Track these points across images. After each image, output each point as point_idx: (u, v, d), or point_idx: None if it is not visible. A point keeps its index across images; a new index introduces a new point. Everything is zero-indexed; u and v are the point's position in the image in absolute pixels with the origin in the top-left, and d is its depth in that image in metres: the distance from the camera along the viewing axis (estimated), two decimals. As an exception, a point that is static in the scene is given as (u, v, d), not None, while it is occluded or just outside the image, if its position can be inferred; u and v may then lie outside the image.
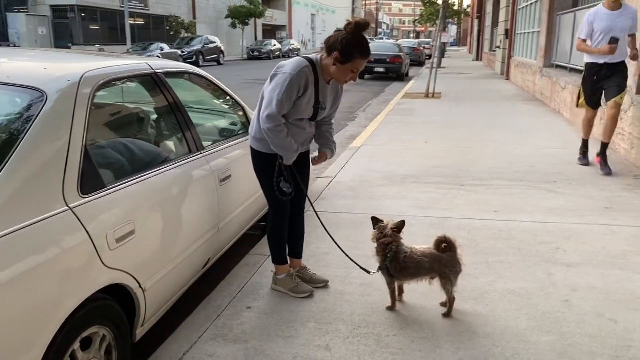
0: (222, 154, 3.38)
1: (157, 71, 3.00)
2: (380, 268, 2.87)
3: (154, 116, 3.17)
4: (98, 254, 2.12)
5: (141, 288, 2.42)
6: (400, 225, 2.90)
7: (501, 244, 3.88)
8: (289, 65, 2.79)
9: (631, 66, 6.52)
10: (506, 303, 3.02)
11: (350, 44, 2.69)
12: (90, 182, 2.18)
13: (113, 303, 2.26)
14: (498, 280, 3.30)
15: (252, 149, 3.03)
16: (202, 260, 3.12)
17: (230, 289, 3.26)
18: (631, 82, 6.47)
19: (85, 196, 2.13)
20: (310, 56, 2.86)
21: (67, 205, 2.04)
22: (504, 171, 5.99)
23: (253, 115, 3.06)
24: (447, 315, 2.86)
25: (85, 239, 2.07)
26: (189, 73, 3.55)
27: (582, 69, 5.92)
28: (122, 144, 2.70)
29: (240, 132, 3.89)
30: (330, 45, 2.75)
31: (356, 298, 3.09)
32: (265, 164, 2.98)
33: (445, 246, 2.79)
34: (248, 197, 3.73)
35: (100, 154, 2.45)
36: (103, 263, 2.14)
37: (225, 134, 3.79)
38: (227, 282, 3.38)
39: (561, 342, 2.62)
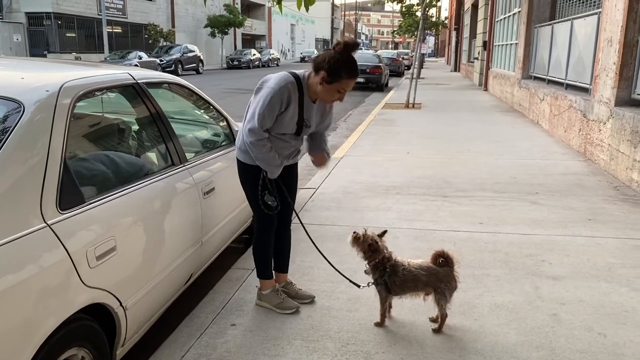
0: (205, 165, 3.30)
1: (139, 81, 2.92)
2: (376, 283, 2.81)
3: (136, 127, 3.08)
4: (77, 273, 2.02)
5: (122, 307, 2.32)
6: (382, 235, 2.86)
7: (487, 256, 3.86)
8: (273, 79, 2.74)
9: (609, 79, 6.63)
10: (495, 317, 2.98)
11: (338, 64, 2.64)
12: (69, 198, 2.09)
13: (92, 323, 2.16)
14: (486, 294, 3.27)
15: (237, 160, 2.97)
16: (185, 276, 3.03)
17: (213, 305, 3.17)
18: (609, 94, 6.58)
19: (64, 212, 2.04)
20: (297, 72, 2.81)
21: (45, 222, 1.94)
22: (486, 182, 6.00)
23: (238, 126, 3.00)
24: (437, 331, 2.81)
25: (64, 257, 1.97)
26: (171, 83, 3.47)
27: (560, 80, 5.97)
28: (103, 156, 2.61)
29: (223, 143, 3.81)
30: (318, 64, 2.70)
31: (343, 314, 3.02)
32: (250, 176, 2.92)
33: (442, 261, 2.74)
34: (232, 209, 3.65)
35: (80, 168, 2.35)
36: (82, 282, 2.05)
37: (208, 145, 3.70)
38: (210, 297, 3.28)
39: (552, 357, 2.59)
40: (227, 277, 3.56)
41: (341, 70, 2.65)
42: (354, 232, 2.84)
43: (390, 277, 2.76)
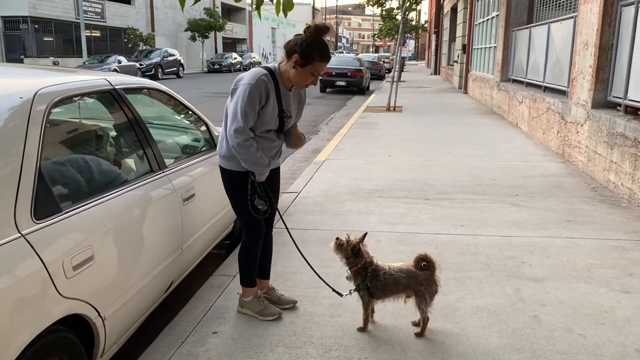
0: (185, 171, 3.26)
1: (116, 87, 2.88)
2: (358, 288, 2.80)
3: (113, 134, 3.04)
4: (53, 283, 1.98)
5: (100, 317, 2.28)
6: (362, 238, 2.86)
7: (468, 259, 3.88)
8: (246, 76, 2.72)
9: (585, 81, 6.74)
10: (476, 320, 2.99)
11: (310, 46, 2.65)
12: (44, 207, 2.04)
13: (70, 334, 2.12)
14: (467, 297, 3.28)
15: (221, 168, 2.90)
16: (165, 284, 2.99)
17: (194, 312, 3.13)
18: (586, 96, 6.68)
19: (39, 222, 1.99)
20: (268, 65, 2.81)
21: (19, 232, 1.90)
22: (466, 185, 6.04)
23: (218, 131, 2.96)
24: (419, 335, 2.81)
25: (39, 267, 1.93)
26: (150, 88, 3.43)
27: (538, 83, 6.04)
28: (80, 164, 2.56)
29: (203, 148, 3.78)
30: (290, 49, 2.70)
31: (326, 319, 3.01)
32: (236, 182, 2.87)
33: (424, 264, 2.75)
34: (213, 215, 3.62)
35: (56, 176, 2.31)
36: (59, 292, 2.00)
37: (188, 151, 3.67)
38: (191, 305, 3.24)
39: (533, 359, 2.61)
40: (208, 284, 3.52)
41: (314, 53, 2.65)
42: (337, 239, 2.83)
43: (372, 282, 2.76)
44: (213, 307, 3.18)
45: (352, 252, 2.78)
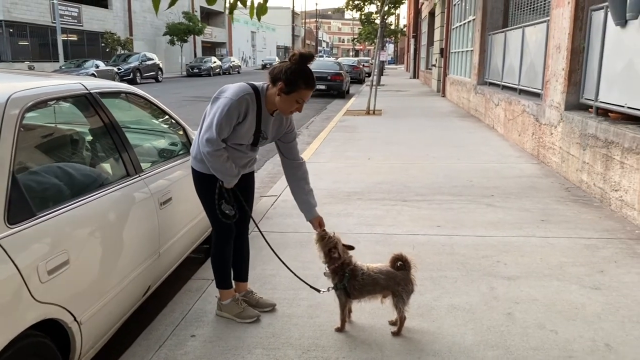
0: (161, 175, 3.26)
1: (91, 91, 2.87)
2: (336, 288, 2.83)
3: (89, 138, 3.03)
4: (27, 288, 1.97)
5: (76, 321, 2.27)
6: (349, 248, 2.91)
7: (445, 258, 3.94)
8: (231, 90, 2.72)
9: (558, 84, 6.88)
10: (452, 318, 3.05)
11: (294, 74, 2.66)
12: (18, 211, 2.04)
13: (45, 339, 2.11)
14: (443, 296, 3.33)
15: (193, 169, 2.93)
16: (143, 288, 2.98)
17: (172, 316, 3.13)
18: (559, 99, 6.82)
19: (12, 226, 1.99)
20: (256, 84, 2.79)
21: (-8, 237, 1.89)
22: (444, 186, 6.13)
23: (194, 135, 2.97)
24: (396, 333, 2.86)
25: (13, 272, 1.92)
26: (126, 92, 3.42)
27: (513, 86, 6.15)
28: (54, 168, 2.55)
29: (180, 152, 3.78)
30: (275, 76, 2.70)
31: (305, 321, 3.03)
32: (205, 185, 2.89)
33: (401, 264, 2.80)
34: (190, 219, 3.62)
35: (30, 180, 2.30)
36: (33, 297, 2.00)
37: (165, 155, 3.67)
38: (169, 309, 3.24)
39: (507, 356, 2.67)
40: (186, 287, 3.52)
41: (299, 80, 2.66)
42: (323, 230, 2.87)
43: (350, 282, 2.79)
44: (191, 311, 3.19)
45: (329, 252, 2.81)
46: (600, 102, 5.88)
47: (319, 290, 2.97)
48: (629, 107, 5.19)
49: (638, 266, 3.75)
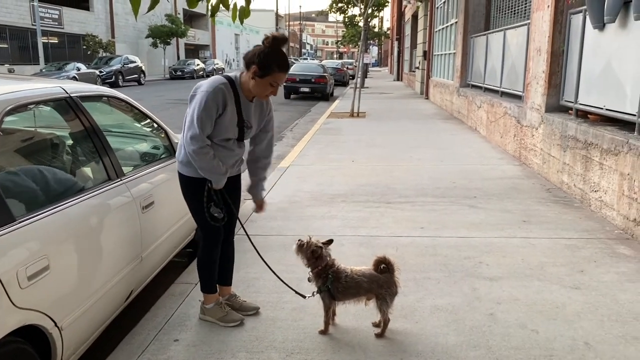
0: (143, 179, 3.24)
1: (71, 95, 2.85)
2: (320, 291, 2.84)
3: (70, 142, 3.00)
4: (7, 294, 1.95)
5: (57, 327, 2.25)
6: (327, 243, 2.91)
7: (428, 260, 3.97)
8: (205, 84, 2.72)
9: (539, 86, 6.98)
10: (435, 319, 3.07)
11: (268, 57, 2.66)
12: (-4, 216, 2.01)
13: (25, 345, 2.09)
14: (426, 297, 3.36)
15: (179, 174, 2.90)
16: (125, 293, 2.96)
17: (155, 321, 3.11)
18: (540, 101, 6.92)
19: (-10, 232, 1.96)
20: (229, 74, 2.81)
21: (-30, 243, 1.86)
22: (427, 188, 6.17)
23: (178, 138, 2.96)
24: (380, 335, 2.87)
25: (-8, 278, 1.90)
26: (107, 96, 3.40)
27: (495, 88, 6.24)
28: (35, 172, 2.53)
29: (163, 155, 3.76)
30: (248, 60, 2.71)
31: (288, 324, 3.04)
32: (193, 189, 2.87)
33: (384, 267, 2.81)
34: (173, 223, 3.60)
35: (9, 185, 2.28)
36: (13, 303, 1.98)
37: (147, 159, 3.64)
38: (152, 313, 3.22)
39: (489, 355, 2.70)
40: (169, 292, 3.50)
41: (272, 63, 2.67)
42: (299, 240, 2.87)
43: (333, 284, 2.80)
44: (174, 315, 3.17)
45: (312, 254, 2.81)
46: (580, 104, 5.97)
47: (304, 296, 2.97)
48: (607, 109, 5.29)
49: (617, 266, 3.82)
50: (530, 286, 3.50)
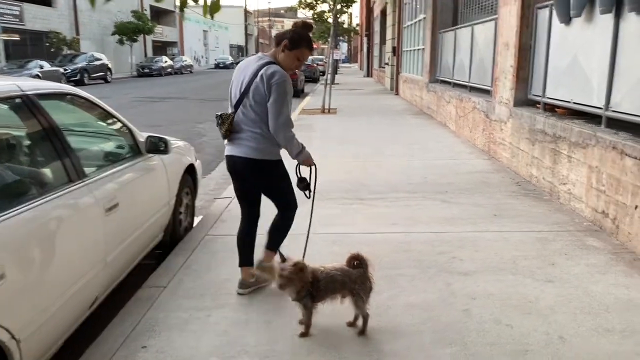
0: (107, 180, 3.11)
1: (27, 92, 2.71)
2: (300, 298, 2.75)
3: (27, 143, 2.85)
4: (-43, 307, 1.82)
5: (15, 339, 2.13)
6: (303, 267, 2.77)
7: (401, 256, 3.94)
8: (277, 72, 3.03)
9: (507, 81, 7.03)
10: (409, 317, 3.03)
11: (298, 35, 3.15)
12: (-56, 223, 1.88)
13: (-21, 360, 1.96)
14: (400, 294, 3.32)
15: (266, 161, 3.18)
16: (89, 300, 2.84)
17: (122, 327, 2.99)
18: (508, 95, 6.97)
19: (-63, 240, 1.83)
20: (266, 60, 3.13)
21: None
22: (399, 184, 6.15)
23: (143, 137, 2.87)
24: (362, 333, 2.82)
25: (-61, 290, 1.77)
26: (68, 94, 3.25)
27: (464, 83, 6.28)
28: (-14, 175, 2.38)
29: (128, 155, 3.62)
30: (280, 36, 3.19)
31: (261, 326, 2.96)
32: (283, 169, 3.31)
33: (357, 263, 2.76)
34: (140, 224, 3.48)
35: (-43, 189, 2.13)
36: (-36, 316, 1.85)
37: (112, 159, 3.51)
38: (119, 319, 3.10)
39: (464, 352, 2.67)
40: (137, 296, 3.37)
41: (302, 40, 3.16)
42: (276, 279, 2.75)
43: (313, 286, 2.74)
44: (142, 321, 3.05)
45: (300, 288, 2.73)
46: (548, 98, 6.03)
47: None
48: (574, 103, 5.35)
49: (587, 258, 3.85)
50: (504, 280, 3.50)
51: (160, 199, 3.87)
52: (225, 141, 3.26)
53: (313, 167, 3.36)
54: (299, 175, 3.30)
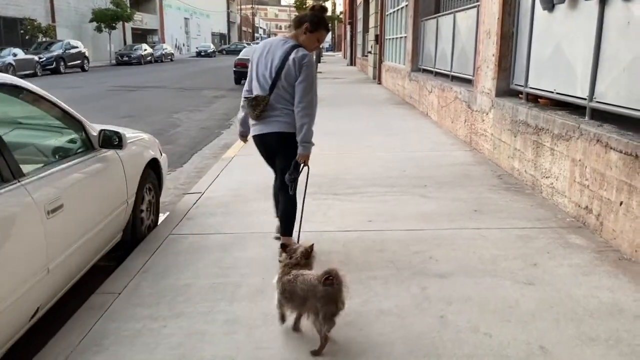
0: (50, 179, 2.83)
1: (-48, 83, 2.41)
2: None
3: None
4: None
5: None
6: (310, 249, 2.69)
7: (374, 256, 3.72)
8: (307, 56, 3.33)
9: (489, 70, 6.83)
10: (381, 325, 2.81)
11: (318, 18, 3.43)
12: None
13: None
14: (372, 299, 3.10)
15: (289, 133, 3.45)
16: (29, 311, 2.58)
17: (68, 339, 2.73)
18: (490, 85, 6.77)
19: None
20: (291, 41, 3.41)
21: None
22: (378, 177, 5.93)
23: (96, 130, 2.63)
24: (315, 353, 2.54)
25: None
26: (7, 85, 2.95)
27: (446, 72, 6.05)
28: None
29: (79, 150, 3.34)
30: (300, 19, 3.46)
31: (219, 338, 2.71)
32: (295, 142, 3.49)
33: (330, 280, 2.46)
34: (92, 226, 3.21)
35: None
36: None
37: (57, 155, 3.22)
38: (67, 329, 2.84)
39: (438, 366, 2.46)
40: (88, 304, 3.11)
41: (320, 23, 3.45)
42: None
43: (280, 279, 2.64)
44: (91, 332, 2.80)
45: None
46: (530, 87, 5.84)
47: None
48: (557, 93, 5.15)
49: (570, 257, 3.66)
50: (482, 283, 3.30)
51: (116, 197, 3.60)
52: (252, 122, 3.52)
53: (306, 167, 3.53)
54: (293, 166, 3.45)
